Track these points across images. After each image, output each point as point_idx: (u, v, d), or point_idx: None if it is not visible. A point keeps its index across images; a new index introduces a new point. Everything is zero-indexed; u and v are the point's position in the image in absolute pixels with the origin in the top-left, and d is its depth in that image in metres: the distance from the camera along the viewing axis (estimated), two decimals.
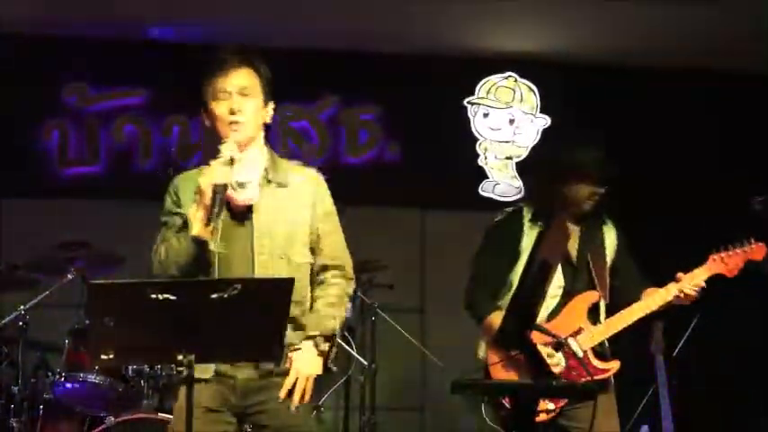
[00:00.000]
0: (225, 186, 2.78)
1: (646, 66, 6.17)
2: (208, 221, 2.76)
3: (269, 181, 2.93)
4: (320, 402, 4.93)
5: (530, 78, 6.29)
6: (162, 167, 5.85)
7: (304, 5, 5.55)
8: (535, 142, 6.27)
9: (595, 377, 3.33)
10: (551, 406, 3.29)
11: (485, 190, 6.19)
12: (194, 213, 2.81)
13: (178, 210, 2.93)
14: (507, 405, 3.23)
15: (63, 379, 4.14)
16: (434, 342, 5.49)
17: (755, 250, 3.45)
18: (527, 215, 3.44)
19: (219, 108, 2.92)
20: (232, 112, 2.89)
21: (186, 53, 5.94)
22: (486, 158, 6.23)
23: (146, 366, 4.08)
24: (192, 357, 2.77)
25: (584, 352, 3.37)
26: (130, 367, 4.09)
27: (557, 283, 3.36)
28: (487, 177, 6.21)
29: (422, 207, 6.13)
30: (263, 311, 2.78)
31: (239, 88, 2.92)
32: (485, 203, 6.00)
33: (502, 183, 6.20)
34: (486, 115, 6.27)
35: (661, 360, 4.82)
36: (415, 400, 5.94)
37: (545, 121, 6.28)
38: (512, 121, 6.28)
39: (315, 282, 2.96)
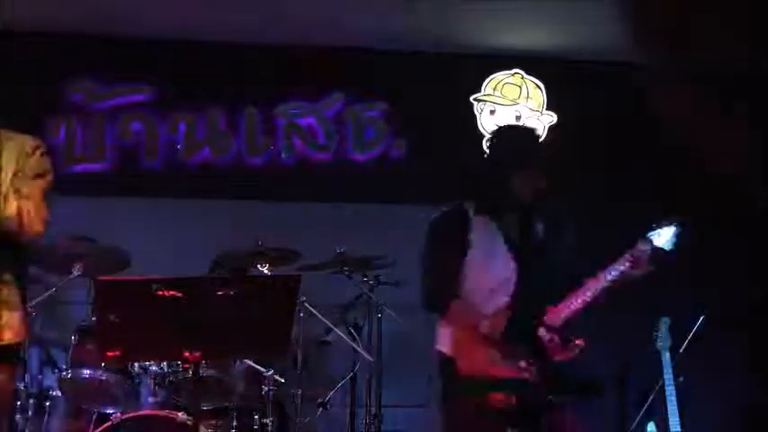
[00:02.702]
0: None
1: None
2: None
3: None
4: (326, 399, 4.94)
5: (536, 75, 6.28)
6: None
7: (309, 2, 5.54)
8: (542, 139, 6.24)
9: (563, 356, 3.36)
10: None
11: None
12: None
13: None
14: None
15: (69, 375, 4.14)
16: None
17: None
18: (470, 208, 3.52)
19: None
20: None
21: (193, 50, 5.97)
22: None
23: (151, 363, 4.09)
24: (199, 354, 2.77)
25: (556, 330, 3.38)
26: (136, 364, 4.09)
27: (511, 266, 3.43)
28: None
29: (428, 204, 6.11)
30: (269, 308, 2.79)
31: None
32: None
33: None
34: (492, 112, 6.25)
35: (668, 357, 4.82)
36: (422, 397, 5.92)
37: (551, 118, 6.27)
38: (518, 118, 6.26)
39: None
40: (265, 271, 4.63)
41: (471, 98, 6.23)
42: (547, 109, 6.28)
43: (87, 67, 5.92)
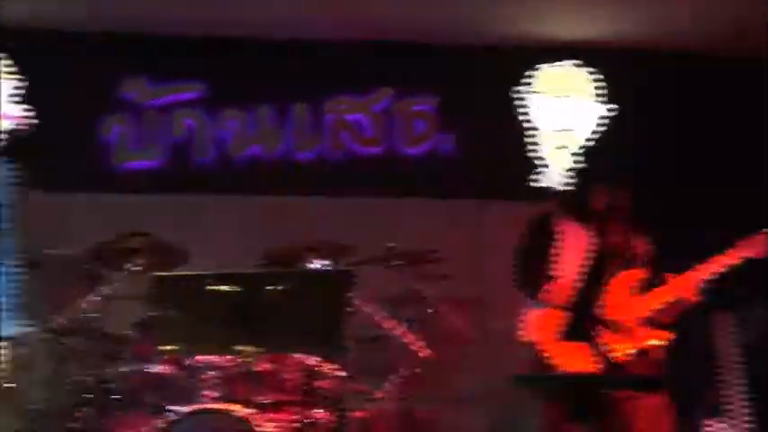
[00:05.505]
0: None
1: (698, 50, 6.04)
2: None
3: None
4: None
5: (588, 66, 6.20)
6: None
7: None
8: (593, 131, 6.19)
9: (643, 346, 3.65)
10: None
11: (541, 180, 6.13)
12: None
13: None
14: None
15: (128, 370, 4.20)
16: (493, 333, 5.46)
17: None
18: (558, 210, 3.99)
19: None
20: None
21: (243, 47, 6.02)
22: (542, 148, 6.17)
23: (208, 357, 4.12)
24: (255, 348, 2.79)
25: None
26: (194, 358, 4.12)
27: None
28: (544, 167, 6.15)
29: (478, 197, 6.09)
30: (323, 302, 2.81)
31: None
32: (541, 193, 5.95)
33: (559, 172, 6.14)
34: (543, 104, 6.20)
35: (733, 353, 4.74)
36: (471, 392, 5.91)
37: (603, 109, 6.19)
38: (569, 110, 6.20)
39: None
40: (318, 266, 4.64)
41: (522, 90, 6.18)
42: (599, 101, 6.20)
43: (140, 66, 6.00)
